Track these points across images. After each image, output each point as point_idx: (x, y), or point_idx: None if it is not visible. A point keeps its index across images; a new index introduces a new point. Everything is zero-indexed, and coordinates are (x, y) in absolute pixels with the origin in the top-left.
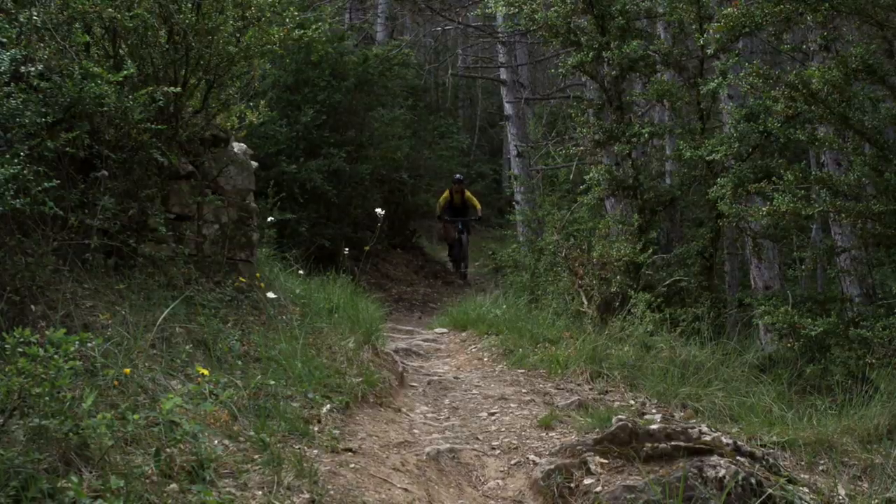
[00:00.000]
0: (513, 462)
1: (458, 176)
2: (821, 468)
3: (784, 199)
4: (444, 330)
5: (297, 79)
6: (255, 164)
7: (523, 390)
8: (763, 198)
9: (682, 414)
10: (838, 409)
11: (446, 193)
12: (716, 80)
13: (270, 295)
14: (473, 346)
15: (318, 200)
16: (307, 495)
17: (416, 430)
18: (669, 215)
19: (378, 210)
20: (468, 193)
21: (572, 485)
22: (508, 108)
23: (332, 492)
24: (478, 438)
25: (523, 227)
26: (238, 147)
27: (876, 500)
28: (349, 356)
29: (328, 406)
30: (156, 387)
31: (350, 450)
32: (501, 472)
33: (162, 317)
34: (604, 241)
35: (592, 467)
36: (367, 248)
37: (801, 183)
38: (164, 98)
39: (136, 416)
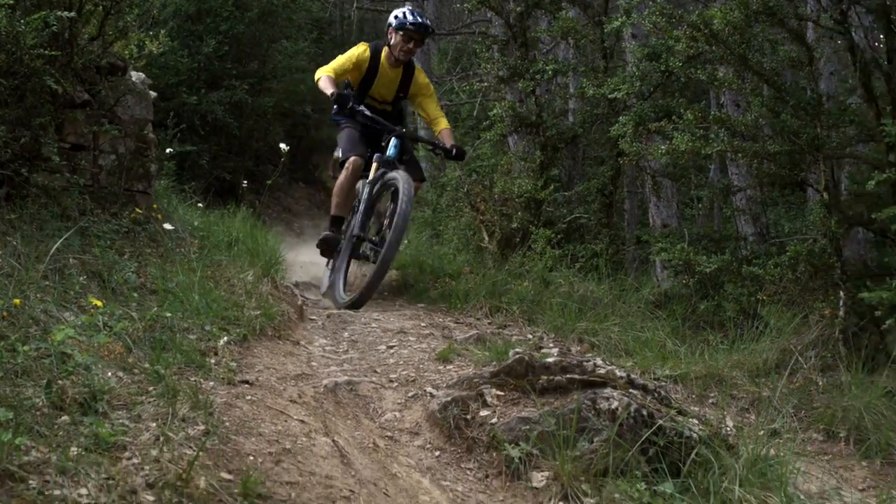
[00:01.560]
0: (410, 395)
1: (416, 19)
2: (711, 401)
3: (683, 138)
4: None
5: (199, 8)
6: (154, 94)
7: (422, 324)
8: (663, 137)
9: (578, 348)
10: (729, 344)
11: (362, 49)
12: (619, 19)
13: (168, 227)
14: None
15: (219, 133)
16: (202, 427)
17: (314, 363)
18: (571, 153)
19: (282, 145)
20: (422, 78)
21: (468, 416)
22: None
23: (227, 423)
24: (376, 371)
25: (426, 162)
26: (136, 76)
27: (762, 432)
28: (248, 289)
29: (225, 338)
30: (48, 318)
31: (247, 382)
32: (399, 404)
33: (55, 247)
34: (506, 177)
35: (489, 399)
36: (269, 181)
37: (701, 123)
38: (58, 23)
39: (26, 348)
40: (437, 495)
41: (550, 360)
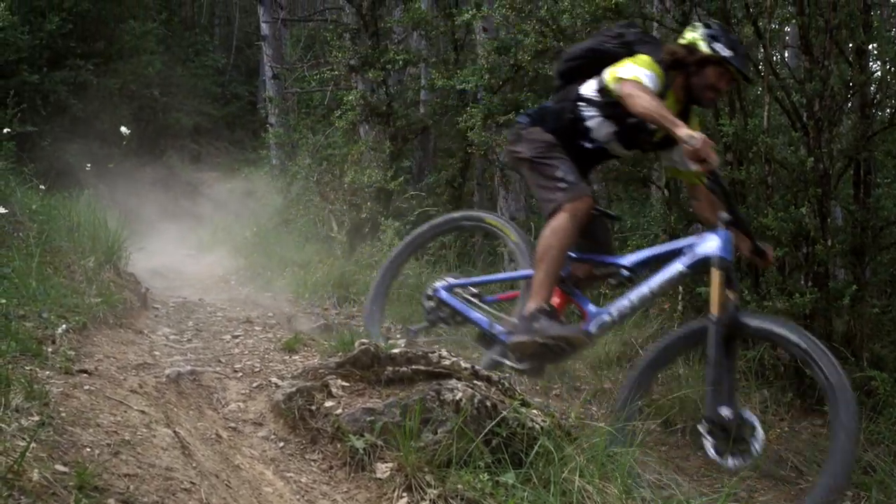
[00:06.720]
0: (255, 385)
1: (741, 50)
2: (555, 392)
3: None
4: (192, 252)
5: None
6: None
7: (269, 314)
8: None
9: (425, 340)
10: None
11: (656, 67)
12: (470, 12)
13: (1, 210)
14: (220, 269)
15: (62, 114)
16: (37, 417)
17: (156, 352)
18: (422, 144)
19: (123, 129)
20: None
21: (313, 407)
22: (265, 28)
23: (64, 414)
24: (220, 361)
25: (277, 149)
26: None
27: (603, 423)
28: (89, 276)
29: (64, 326)
30: None
31: (85, 371)
32: (243, 394)
33: None
34: (356, 166)
35: (334, 390)
36: (110, 165)
37: None
38: None
39: None
40: (280, 487)
41: (396, 350)
